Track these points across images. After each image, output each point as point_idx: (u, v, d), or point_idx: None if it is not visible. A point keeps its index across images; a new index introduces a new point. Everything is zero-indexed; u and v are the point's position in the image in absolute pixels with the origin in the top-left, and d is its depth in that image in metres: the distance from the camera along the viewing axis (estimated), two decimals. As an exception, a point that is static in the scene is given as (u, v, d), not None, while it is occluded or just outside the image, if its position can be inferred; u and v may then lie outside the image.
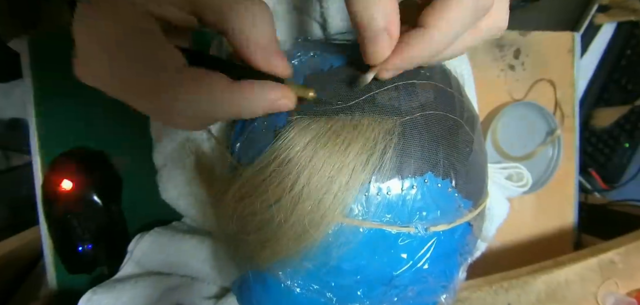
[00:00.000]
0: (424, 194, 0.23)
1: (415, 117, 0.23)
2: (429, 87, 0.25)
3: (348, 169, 0.21)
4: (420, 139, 0.23)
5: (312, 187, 0.21)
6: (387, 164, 0.22)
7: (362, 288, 0.24)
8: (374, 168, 0.22)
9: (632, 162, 0.82)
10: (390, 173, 0.22)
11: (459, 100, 0.26)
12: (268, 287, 0.27)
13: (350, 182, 0.21)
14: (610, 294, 0.41)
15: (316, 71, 0.26)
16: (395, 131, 0.22)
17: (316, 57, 0.27)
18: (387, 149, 0.22)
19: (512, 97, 0.54)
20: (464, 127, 0.25)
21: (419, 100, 0.24)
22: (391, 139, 0.22)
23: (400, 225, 0.22)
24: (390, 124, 0.22)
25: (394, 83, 0.24)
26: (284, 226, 0.22)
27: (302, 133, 0.22)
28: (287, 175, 0.22)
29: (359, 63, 0.24)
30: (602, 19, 0.80)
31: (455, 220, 0.24)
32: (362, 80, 0.23)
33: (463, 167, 0.24)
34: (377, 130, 0.22)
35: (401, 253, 0.23)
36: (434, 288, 0.26)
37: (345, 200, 0.22)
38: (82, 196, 0.39)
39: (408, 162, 0.22)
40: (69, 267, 0.40)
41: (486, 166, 0.29)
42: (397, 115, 0.23)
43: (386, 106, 0.23)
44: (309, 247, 0.23)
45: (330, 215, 0.22)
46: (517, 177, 0.47)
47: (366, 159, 0.22)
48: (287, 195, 0.22)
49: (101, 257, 0.40)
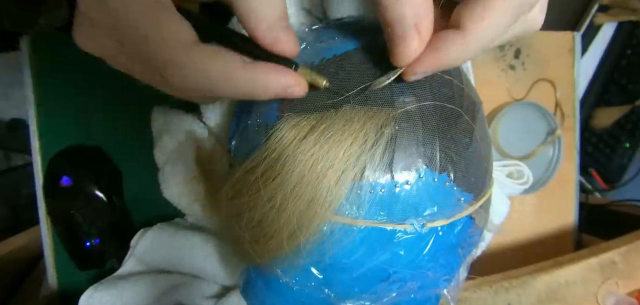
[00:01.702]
0: (419, 189, 0.22)
1: (409, 109, 0.22)
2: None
3: (339, 166, 0.21)
4: (414, 132, 0.22)
5: (302, 185, 0.21)
6: (379, 159, 0.21)
7: (359, 284, 0.24)
8: (366, 164, 0.21)
9: (633, 162, 0.82)
10: (383, 169, 0.21)
11: (458, 88, 0.25)
12: (269, 283, 0.27)
13: (340, 179, 0.21)
14: (610, 294, 0.41)
15: (308, 63, 0.25)
16: (388, 125, 0.21)
17: (309, 49, 0.26)
18: (379, 144, 0.21)
19: (512, 97, 0.54)
20: (463, 116, 0.24)
21: (414, 90, 0.23)
22: (383, 134, 0.21)
23: (396, 222, 0.22)
24: (382, 117, 0.22)
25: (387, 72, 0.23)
26: (276, 224, 0.22)
27: (293, 130, 0.22)
28: (278, 174, 0.22)
29: (351, 55, 0.24)
30: (603, 19, 0.80)
31: (454, 215, 0.23)
32: (379, 81, 0.22)
33: (462, 160, 0.23)
34: (369, 124, 0.21)
35: (398, 250, 0.22)
36: (435, 282, 0.25)
37: (336, 199, 0.21)
38: (84, 192, 0.39)
39: (401, 158, 0.22)
40: (79, 264, 0.40)
41: (490, 154, 0.27)
42: (391, 107, 0.22)
43: (379, 99, 0.22)
44: (303, 246, 0.22)
45: (321, 214, 0.21)
46: (518, 174, 0.47)
47: (357, 155, 0.21)
48: (279, 193, 0.22)
49: (110, 251, 0.40)
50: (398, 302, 0.26)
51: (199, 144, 0.36)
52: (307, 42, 0.27)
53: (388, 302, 0.25)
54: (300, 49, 0.22)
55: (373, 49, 0.24)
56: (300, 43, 0.28)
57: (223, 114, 0.36)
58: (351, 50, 0.24)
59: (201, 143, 0.36)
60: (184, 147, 0.36)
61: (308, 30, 0.30)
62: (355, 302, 0.24)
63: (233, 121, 0.30)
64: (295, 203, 0.21)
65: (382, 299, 0.24)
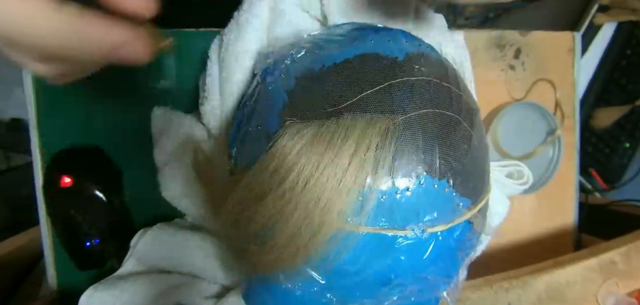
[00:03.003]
0: (419, 196, 0.22)
1: (409, 117, 0.23)
2: (423, 83, 0.24)
3: (341, 174, 0.21)
4: (414, 139, 0.22)
5: (305, 194, 0.21)
6: (381, 167, 0.21)
7: (361, 289, 0.24)
8: (367, 172, 0.21)
9: (633, 162, 0.82)
10: (384, 176, 0.22)
11: (456, 95, 0.25)
12: (271, 289, 0.27)
13: (343, 187, 0.21)
14: (610, 294, 0.41)
15: (308, 70, 0.26)
16: (389, 133, 0.22)
17: (308, 55, 0.27)
18: (380, 152, 0.21)
19: (512, 97, 0.54)
20: (461, 123, 0.25)
21: (413, 99, 0.23)
22: (384, 142, 0.22)
23: (397, 228, 0.22)
24: (383, 125, 0.22)
25: (387, 82, 0.23)
26: (279, 234, 0.22)
27: (295, 139, 0.22)
28: (281, 184, 0.22)
29: (350, 63, 0.24)
30: (602, 19, 0.80)
31: (454, 220, 0.24)
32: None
33: (461, 166, 0.24)
34: (370, 132, 0.22)
35: (400, 255, 0.23)
36: (436, 285, 0.25)
37: (340, 207, 0.21)
38: (84, 191, 0.39)
39: (402, 165, 0.22)
40: (79, 264, 0.40)
41: (487, 160, 0.28)
42: (391, 116, 0.22)
43: (379, 107, 0.23)
44: (307, 253, 0.23)
45: (325, 221, 0.21)
46: (518, 174, 0.47)
47: (359, 163, 0.21)
48: (280, 203, 0.22)
49: (110, 251, 0.40)
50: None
51: (198, 146, 0.36)
52: (307, 49, 0.27)
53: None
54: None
55: (372, 56, 0.25)
56: (299, 50, 0.28)
57: (223, 116, 0.36)
58: (350, 59, 0.25)
59: (201, 145, 0.36)
60: (184, 149, 0.36)
61: (307, 37, 0.30)
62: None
63: (233, 127, 0.30)
64: (299, 212, 0.22)
65: (383, 303, 0.25)
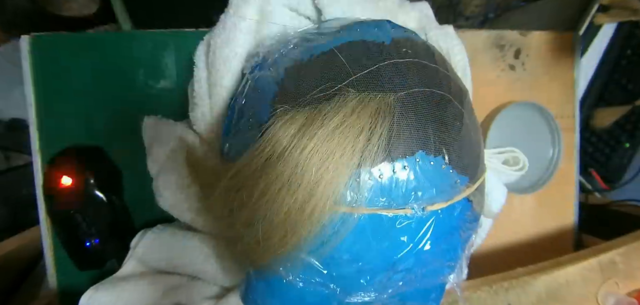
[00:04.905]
0: (417, 173, 0.22)
1: (400, 96, 0.23)
2: (411, 65, 0.24)
3: (336, 157, 0.21)
4: (407, 118, 0.22)
5: (300, 178, 0.21)
6: (376, 147, 0.21)
7: (364, 276, 0.24)
8: (363, 153, 0.21)
9: (633, 162, 0.82)
10: (380, 156, 0.21)
11: (444, 75, 0.26)
12: (271, 284, 0.26)
13: (339, 169, 0.21)
14: (610, 294, 0.41)
15: (297, 61, 0.26)
16: (381, 113, 0.22)
17: (296, 49, 0.27)
18: (374, 132, 0.21)
19: (512, 97, 0.54)
20: (452, 101, 0.25)
21: (402, 79, 0.23)
22: (377, 120, 0.21)
23: (396, 207, 0.22)
24: (374, 105, 0.22)
25: (376, 65, 0.24)
26: (276, 219, 0.22)
27: (287, 125, 0.22)
28: (274, 169, 0.22)
29: (339, 50, 0.24)
30: (602, 19, 0.79)
31: (453, 197, 0.24)
32: None
33: (455, 142, 0.24)
34: (363, 112, 0.21)
35: (400, 236, 0.23)
36: (439, 268, 0.25)
37: (336, 189, 0.21)
38: (83, 191, 0.39)
39: (397, 143, 0.22)
40: (79, 264, 0.40)
41: (480, 140, 0.28)
42: (381, 96, 0.22)
43: (370, 88, 0.23)
44: (304, 240, 0.22)
45: (322, 205, 0.21)
46: (513, 161, 0.47)
47: (353, 144, 0.21)
48: (275, 188, 0.22)
49: (110, 251, 0.40)
50: (404, 293, 0.26)
51: (190, 151, 0.35)
52: (294, 43, 0.28)
53: (394, 293, 0.25)
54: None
55: (359, 43, 0.25)
56: (287, 44, 0.28)
57: (213, 121, 0.35)
58: (338, 46, 0.25)
59: (193, 149, 0.35)
60: (176, 156, 0.36)
61: (294, 33, 0.30)
62: (362, 295, 0.25)
63: (224, 125, 0.30)
64: (294, 196, 0.21)
65: (388, 290, 0.24)
